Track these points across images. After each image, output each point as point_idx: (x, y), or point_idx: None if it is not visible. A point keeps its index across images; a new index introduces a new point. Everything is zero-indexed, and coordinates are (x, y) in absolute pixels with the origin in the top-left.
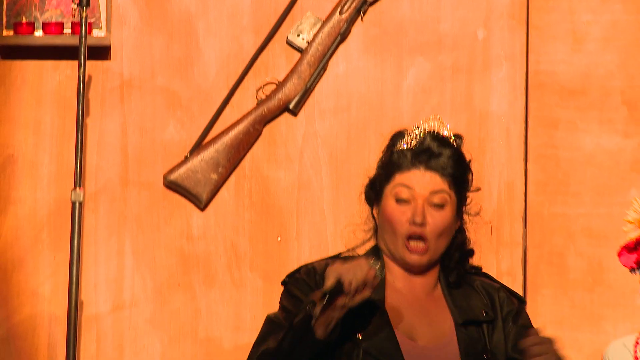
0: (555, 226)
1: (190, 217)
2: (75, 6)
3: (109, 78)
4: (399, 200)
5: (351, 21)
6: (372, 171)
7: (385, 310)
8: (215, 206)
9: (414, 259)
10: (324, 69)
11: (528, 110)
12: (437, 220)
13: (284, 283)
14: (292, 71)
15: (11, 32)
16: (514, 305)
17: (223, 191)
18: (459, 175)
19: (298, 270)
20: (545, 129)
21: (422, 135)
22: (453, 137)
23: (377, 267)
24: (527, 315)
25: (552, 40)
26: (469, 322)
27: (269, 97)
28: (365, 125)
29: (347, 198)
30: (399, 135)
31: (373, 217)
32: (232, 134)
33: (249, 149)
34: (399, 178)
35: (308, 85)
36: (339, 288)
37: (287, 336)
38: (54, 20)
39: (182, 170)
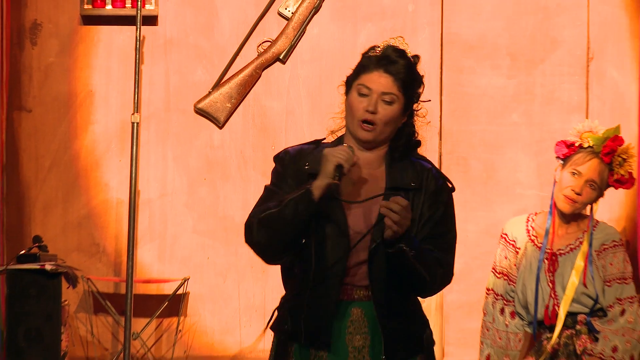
0: (461, 139)
1: (212, 133)
2: None
3: (157, 38)
4: (361, 94)
5: None
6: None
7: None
8: (229, 126)
9: (364, 134)
10: (303, 31)
11: (442, 60)
12: (386, 111)
13: (274, 160)
14: (282, 33)
15: (90, 6)
16: (438, 185)
17: (235, 115)
18: (408, 81)
19: (280, 152)
20: (454, 73)
21: (385, 47)
22: (412, 56)
23: (353, 150)
24: (449, 197)
25: (459, 12)
26: (397, 189)
27: (265, 51)
28: (331, 72)
29: (320, 121)
30: (371, 48)
31: (346, 106)
32: (241, 76)
33: (252, 86)
34: (363, 77)
35: (293, 43)
36: (341, 170)
37: (289, 205)
38: None
39: (207, 101)
